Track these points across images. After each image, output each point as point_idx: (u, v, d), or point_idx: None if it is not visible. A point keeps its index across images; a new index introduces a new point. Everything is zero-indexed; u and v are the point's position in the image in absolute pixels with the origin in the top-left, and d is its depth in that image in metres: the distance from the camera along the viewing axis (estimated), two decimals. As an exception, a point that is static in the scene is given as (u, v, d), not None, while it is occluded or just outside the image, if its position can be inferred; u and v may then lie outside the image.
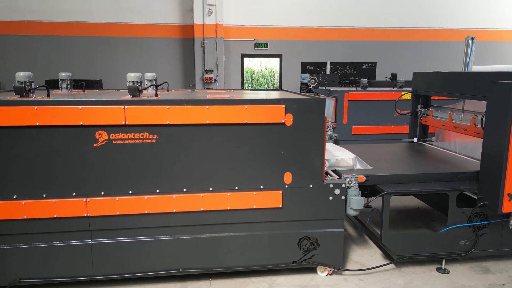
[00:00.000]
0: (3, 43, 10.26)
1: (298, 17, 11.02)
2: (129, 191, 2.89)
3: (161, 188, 2.92)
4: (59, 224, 2.85)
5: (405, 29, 11.52)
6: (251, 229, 3.08)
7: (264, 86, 12.79)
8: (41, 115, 2.67)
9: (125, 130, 2.80)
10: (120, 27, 10.54)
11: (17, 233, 2.83)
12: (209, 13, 9.94)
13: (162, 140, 2.85)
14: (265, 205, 3.02)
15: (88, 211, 2.85)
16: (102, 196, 2.86)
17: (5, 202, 2.75)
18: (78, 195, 2.84)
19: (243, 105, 2.86)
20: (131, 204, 2.89)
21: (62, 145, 2.76)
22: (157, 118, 2.80)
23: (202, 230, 3.02)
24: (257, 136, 2.93)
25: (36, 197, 2.79)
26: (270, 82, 13.03)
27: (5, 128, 2.67)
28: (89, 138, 2.78)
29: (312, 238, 3.14)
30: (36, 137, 2.72)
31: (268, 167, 2.99)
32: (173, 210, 2.94)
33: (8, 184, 2.75)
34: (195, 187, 2.95)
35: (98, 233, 2.93)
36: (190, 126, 2.86)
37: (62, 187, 2.81)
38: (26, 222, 2.81)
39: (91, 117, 2.73)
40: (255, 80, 13.02)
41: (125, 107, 2.76)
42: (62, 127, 2.73)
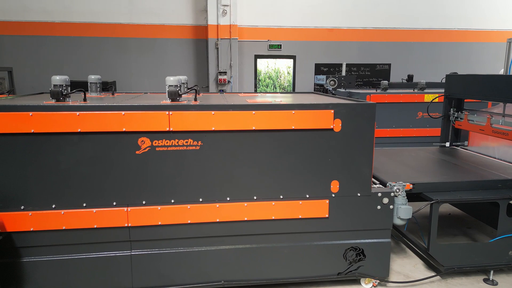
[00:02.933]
0: (15, 44, 10.17)
1: (312, 17, 10.89)
2: (171, 200, 2.77)
3: (204, 197, 2.80)
4: (99, 234, 2.73)
5: (420, 30, 11.37)
6: (295, 239, 2.95)
7: (270, 87, 12.65)
8: (83, 121, 2.56)
9: (169, 137, 2.68)
10: (133, 27, 10.43)
11: (55, 244, 2.71)
12: (224, 14, 9.82)
13: (207, 147, 2.73)
14: (310, 214, 2.90)
15: (129, 221, 2.73)
16: (143, 205, 2.74)
17: (43, 212, 2.63)
18: (119, 205, 2.72)
19: (291, 110, 2.74)
20: (173, 213, 2.77)
21: (103, 153, 2.64)
22: (202, 124, 2.67)
23: (246, 240, 2.90)
24: (304, 142, 2.80)
25: (75, 207, 2.67)
26: (277, 83, 12.91)
27: (45, 134, 2.55)
28: (132, 145, 2.66)
29: (358, 249, 3.01)
30: (77, 144, 2.60)
31: (314, 175, 2.86)
32: (216, 219, 2.81)
33: (47, 193, 2.63)
34: (239, 196, 2.83)
35: (138, 244, 2.81)
36: (236, 132, 2.73)
37: (102, 196, 2.69)
38: (65, 232, 2.69)
39: (134, 123, 2.61)
40: (262, 81, 12.89)
41: (170, 112, 2.64)
42: (104, 133, 2.61)
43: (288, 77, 12.16)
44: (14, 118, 2.49)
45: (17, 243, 2.66)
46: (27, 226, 2.63)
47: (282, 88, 12.30)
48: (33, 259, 2.70)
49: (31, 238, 2.66)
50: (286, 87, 12.34)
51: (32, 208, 2.63)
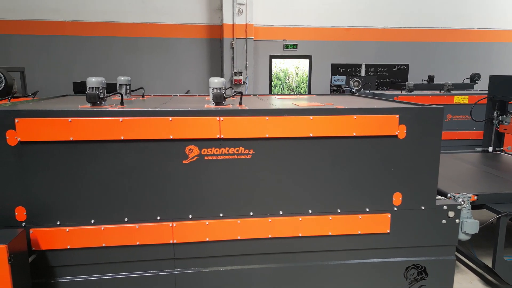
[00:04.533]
0: (24, 44, 9.96)
1: (328, 16, 10.63)
2: (220, 213, 2.52)
3: (256, 211, 2.54)
4: (141, 252, 2.48)
5: (438, 30, 11.09)
6: (353, 257, 2.69)
7: (278, 88, 12.37)
8: (127, 128, 2.31)
9: (218, 145, 2.43)
10: (146, 27, 10.19)
11: (94, 263, 2.46)
12: (239, 13, 9.57)
13: (259, 156, 2.48)
14: (370, 230, 2.64)
15: (174, 237, 2.48)
16: (190, 219, 2.49)
17: (82, 228, 2.39)
18: (164, 219, 2.47)
19: (352, 115, 2.48)
20: (222, 228, 2.52)
21: (147, 162, 2.39)
22: (255, 130, 2.42)
23: (300, 258, 2.65)
24: (365, 150, 2.55)
25: (116, 222, 2.43)
26: (285, 84, 12.64)
27: (85, 143, 2.31)
28: (179, 153, 2.41)
29: (420, 267, 2.75)
30: (119, 153, 2.35)
31: (375, 186, 2.60)
32: (268, 235, 2.56)
33: (86, 207, 2.39)
34: (293, 210, 2.57)
35: (183, 262, 2.56)
36: (291, 139, 2.48)
37: (146, 210, 2.45)
38: (104, 250, 2.44)
39: (183, 129, 2.36)
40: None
41: (221, 118, 2.38)
42: (149, 141, 2.36)
43: (297, 78, 11.91)
44: (52, 125, 2.24)
45: (52, 262, 2.42)
46: (63, 243, 2.38)
47: (290, 89, 12.02)
48: (69, 279, 2.45)
49: (67, 256, 2.42)
50: (295, 88, 12.07)
51: (70, 224, 2.39)
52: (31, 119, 2.22)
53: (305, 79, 15.04)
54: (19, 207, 2.32)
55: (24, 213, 2.33)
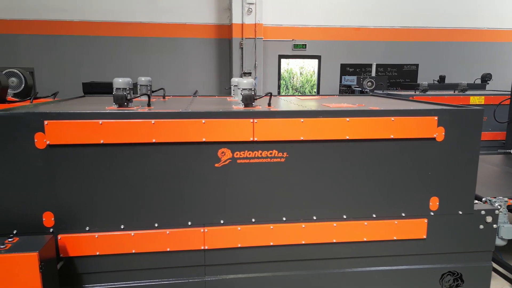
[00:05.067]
0: (32, 43, 9.89)
1: (337, 16, 10.54)
2: (252, 219, 2.44)
3: (288, 216, 2.46)
4: (172, 258, 2.40)
5: (448, 29, 10.99)
6: (387, 263, 2.61)
7: (283, 88, 12.27)
8: (159, 130, 2.23)
9: (251, 148, 2.35)
10: (153, 26, 10.12)
11: (123, 270, 2.38)
12: (249, 12, 9.49)
13: (292, 159, 2.39)
14: (407, 235, 2.55)
15: (205, 243, 2.40)
16: (221, 225, 2.41)
17: (111, 234, 2.31)
18: (195, 224, 2.39)
19: (390, 116, 2.40)
20: (254, 234, 2.43)
21: (179, 166, 2.31)
22: (289, 133, 2.34)
23: (333, 264, 2.56)
24: (403, 154, 2.46)
25: (147, 228, 2.35)
26: (289, 84, 12.55)
27: (115, 146, 2.23)
28: (211, 157, 2.33)
29: (456, 273, 2.67)
30: (150, 156, 2.27)
31: (412, 190, 2.52)
32: (301, 241, 2.48)
33: (115, 212, 2.31)
34: (327, 215, 2.49)
35: (214, 269, 2.47)
36: (326, 142, 2.40)
37: (177, 215, 2.36)
38: (134, 257, 2.36)
39: (216, 132, 2.28)
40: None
41: (255, 120, 2.30)
42: (181, 144, 2.28)
43: (301, 78, 11.82)
44: (83, 127, 2.16)
45: (80, 269, 2.34)
46: (92, 250, 2.30)
47: (294, 90, 11.93)
48: (97, 287, 2.38)
49: (96, 263, 2.34)
50: (299, 87, 11.98)
51: (99, 229, 2.31)
52: (60, 122, 2.14)
53: (310, 79, 14.95)
54: (47, 212, 2.24)
55: (52, 218, 2.25)
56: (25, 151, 2.16)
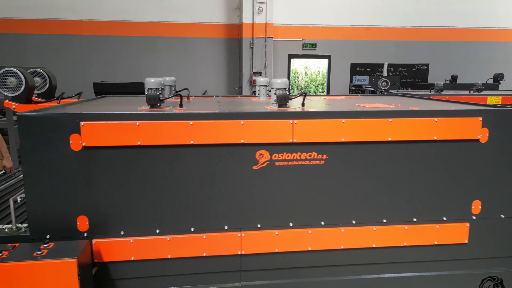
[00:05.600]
0: (41, 42, 9.84)
1: (348, 15, 10.46)
2: (290, 223, 2.36)
3: (327, 220, 2.39)
4: (207, 264, 2.33)
5: (460, 29, 10.90)
6: (427, 269, 2.53)
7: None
8: (197, 131, 2.16)
9: (290, 150, 2.28)
10: (163, 26, 10.06)
11: (158, 275, 2.31)
12: (259, 12, 9.42)
13: (332, 162, 2.32)
14: (448, 240, 2.48)
15: (242, 248, 2.33)
16: (258, 229, 2.34)
17: (147, 239, 2.24)
18: (231, 229, 2.32)
19: (433, 117, 2.32)
20: (292, 238, 2.36)
21: (216, 168, 2.24)
22: (330, 134, 2.26)
23: (372, 270, 2.48)
24: (445, 155, 2.39)
25: (182, 232, 2.27)
26: (294, 84, 12.48)
27: (152, 148, 2.15)
28: (249, 159, 2.25)
29: (496, 279, 2.59)
30: (187, 159, 2.20)
31: (454, 194, 2.44)
32: (340, 246, 2.40)
33: (151, 216, 2.24)
34: (366, 219, 2.41)
35: (249, 274, 2.40)
36: (367, 144, 2.32)
37: (213, 219, 2.29)
38: (170, 262, 2.29)
39: (254, 133, 2.21)
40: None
41: (294, 121, 2.23)
42: (219, 146, 2.21)
43: (306, 78, 11.75)
44: (120, 129, 2.09)
45: (113, 274, 2.27)
46: (127, 255, 2.23)
47: (299, 90, 11.84)
48: (131, 293, 2.31)
49: (131, 268, 2.27)
50: (304, 87, 11.90)
51: (133, 234, 2.24)
52: (97, 123, 2.07)
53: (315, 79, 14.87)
54: (81, 216, 2.17)
55: (86, 222, 2.18)
56: (60, 153, 2.09)
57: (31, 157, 2.08)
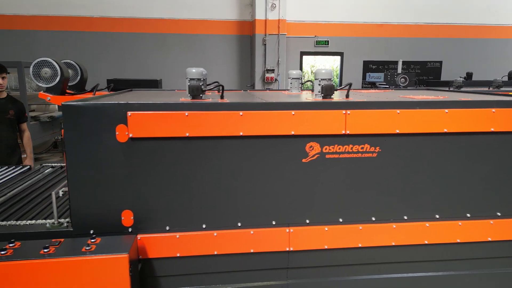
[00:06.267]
0: (52, 39, 9.78)
1: (361, 12, 10.36)
2: (340, 219, 2.27)
3: (378, 215, 2.29)
4: (254, 260, 2.24)
5: (474, 26, 10.78)
6: (479, 266, 2.43)
7: None
8: (247, 122, 2.06)
9: (342, 142, 2.18)
10: (175, 23, 9.98)
11: (203, 273, 2.22)
12: (272, 8, 9.33)
13: (385, 154, 2.22)
14: (502, 236, 2.37)
15: (290, 245, 2.23)
16: (307, 224, 2.24)
17: (193, 234, 2.14)
18: (279, 224, 2.22)
19: (490, 108, 2.22)
20: (342, 235, 2.26)
21: (265, 161, 2.14)
22: (384, 125, 2.16)
23: (423, 268, 2.38)
24: (502, 148, 2.28)
25: (229, 227, 2.18)
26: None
27: (199, 139, 2.06)
28: (299, 151, 2.16)
29: (551, 277, 2.49)
30: (236, 151, 2.11)
31: (509, 188, 2.34)
32: (391, 243, 2.30)
33: (197, 210, 2.14)
34: (419, 214, 2.31)
35: (296, 272, 2.31)
36: (421, 136, 2.22)
37: (261, 214, 2.20)
38: (216, 258, 2.19)
39: (305, 124, 2.11)
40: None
41: (347, 112, 2.13)
42: (269, 138, 2.11)
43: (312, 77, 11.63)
44: (168, 119, 2.00)
45: (157, 271, 2.18)
46: (173, 251, 2.14)
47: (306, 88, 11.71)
48: (175, 291, 2.22)
49: (175, 265, 2.17)
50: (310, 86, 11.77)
51: (179, 229, 2.14)
52: (145, 113, 1.98)
53: (321, 77, 14.75)
54: (126, 210, 2.08)
55: (131, 217, 2.09)
56: (105, 144, 2.00)
57: (75, 148, 1.98)
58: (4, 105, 4.23)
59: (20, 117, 4.36)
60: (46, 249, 1.79)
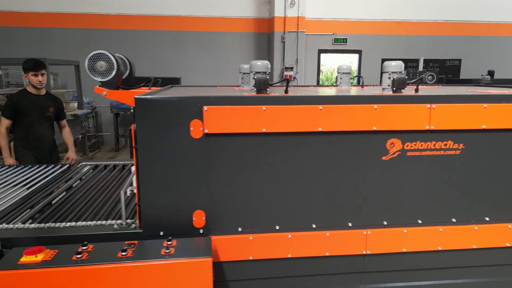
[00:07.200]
0: (68, 37, 9.66)
1: (380, 9, 10.19)
2: (418, 220, 2.13)
3: (459, 217, 2.15)
4: (328, 264, 2.11)
5: (493, 23, 10.60)
6: (561, 270, 2.30)
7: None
8: (326, 117, 1.93)
9: (424, 138, 2.04)
10: (192, 20, 9.84)
11: (275, 277, 2.09)
12: (292, 5, 9.18)
13: (469, 151, 2.08)
14: None
15: (367, 248, 2.10)
16: (385, 226, 2.11)
17: (267, 235, 2.02)
18: (356, 226, 2.09)
19: None
20: (421, 237, 2.13)
21: (343, 159, 2.01)
22: (469, 120, 2.03)
23: (508, 271, 2.25)
24: None
25: (303, 229, 2.05)
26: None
27: (276, 135, 1.93)
28: (379, 148, 2.02)
29: None
30: (313, 148, 1.98)
31: None
32: (472, 246, 2.17)
33: (270, 210, 2.01)
34: (502, 216, 2.17)
35: (370, 276, 2.18)
36: (507, 132, 2.09)
37: (337, 215, 2.07)
38: (289, 262, 2.06)
39: (387, 119, 1.98)
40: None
41: (432, 106, 2.00)
42: (348, 133, 1.98)
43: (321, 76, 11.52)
44: (244, 114, 1.87)
45: (228, 275, 2.05)
46: (245, 254, 2.01)
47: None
48: (245, 296, 2.09)
49: (248, 269, 2.05)
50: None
51: (252, 231, 2.02)
52: (221, 107, 1.86)
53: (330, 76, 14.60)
54: (198, 211, 1.96)
55: (203, 218, 1.96)
56: (178, 140, 1.87)
57: (147, 144, 1.86)
58: (45, 102, 4.09)
59: (59, 114, 4.25)
60: (124, 252, 1.66)
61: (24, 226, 1.99)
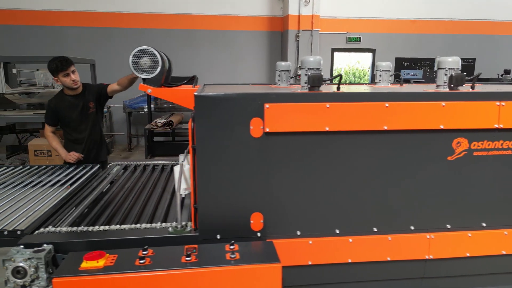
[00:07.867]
0: (81, 36, 9.58)
1: (394, 7, 10.07)
2: (483, 223, 2.03)
3: (524, 220, 2.06)
4: (388, 269, 2.01)
5: (508, 22, 10.46)
6: None
7: None
8: (391, 114, 1.83)
9: (492, 137, 1.94)
10: (205, 19, 9.75)
11: (335, 282, 2.00)
12: (306, 3, 9.07)
13: (537, 151, 1.99)
14: None
15: (430, 252, 2.00)
16: (448, 230, 2.01)
17: (326, 239, 1.92)
18: (418, 230, 1.99)
19: None
20: (486, 241, 2.03)
21: (407, 159, 1.91)
22: (539, 119, 1.93)
23: None
24: None
25: (364, 232, 1.96)
26: None
27: (339, 134, 1.84)
28: (445, 147, 1.93)
29: None
30: (377, 148, 1.88)
31: None
32: (538, 250, 2.07)
33: (330, 213, 1.92)
34: None
35: (432, 282, 2.08)
36: None
37: (398, 218, 1.97)
38: (350, 267, 1.97)
39: (455, 118, 1.88)
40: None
41: (502, 103, 1.90)
42: (413, 132, 1.88)
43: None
44: (307, 111, 1.78)
45: (286, 281, 1.94)
46: (304, 258, 1.92)
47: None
48: (303, 303, 2.00)
49: (307, 274, 1.96)
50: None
51: (310, 234, 1.92)
52: (283, 105, 1.76)
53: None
54: (255, 213, 1.86)
55: (261, 220, 1.87)
56: (238, 140, 1.78)
57: (206, 144, 1.77)
58: (85, 100, 3.69)
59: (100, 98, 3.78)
60: (188, 257, 1.57)
61: (72, 229, 1.90)
